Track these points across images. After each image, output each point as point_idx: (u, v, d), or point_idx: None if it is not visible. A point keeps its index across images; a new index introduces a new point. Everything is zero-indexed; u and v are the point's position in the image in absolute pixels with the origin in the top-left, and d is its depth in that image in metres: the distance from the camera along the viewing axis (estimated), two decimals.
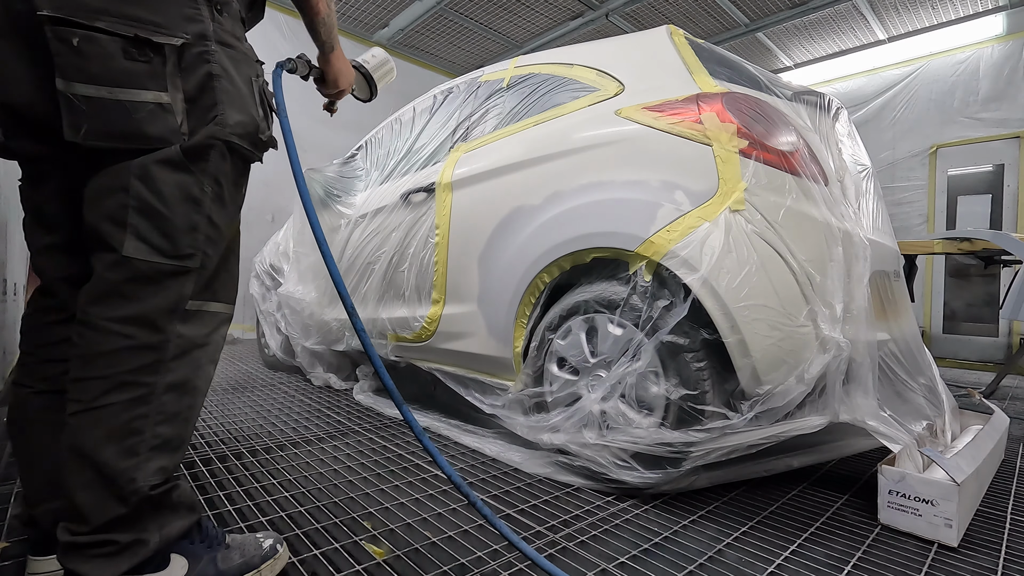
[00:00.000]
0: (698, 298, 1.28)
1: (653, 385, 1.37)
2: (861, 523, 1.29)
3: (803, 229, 1.36)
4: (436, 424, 1.99)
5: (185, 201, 0.82)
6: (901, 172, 4.99)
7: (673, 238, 1.33)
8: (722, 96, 1.45)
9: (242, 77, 0.88)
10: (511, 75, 2.09)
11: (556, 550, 1.11)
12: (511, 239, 1.72)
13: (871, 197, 1.71)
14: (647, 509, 1.34)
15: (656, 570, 1.05)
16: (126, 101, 0.76)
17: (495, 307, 1.76)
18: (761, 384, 1.28)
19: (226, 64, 0.85)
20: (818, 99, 1.75)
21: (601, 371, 1.47)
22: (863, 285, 1.38)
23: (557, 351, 1.58)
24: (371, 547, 1.09)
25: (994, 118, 4.51)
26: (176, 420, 0.83)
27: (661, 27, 1.78)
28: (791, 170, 1.40)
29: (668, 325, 1.32)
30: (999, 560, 1.14)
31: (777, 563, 1.09)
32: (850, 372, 1.33)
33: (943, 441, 1.57)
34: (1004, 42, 4.51)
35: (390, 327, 2.18)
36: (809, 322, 1.31)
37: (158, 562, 0.82)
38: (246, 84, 0.89)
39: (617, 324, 1.44)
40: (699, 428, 1.29)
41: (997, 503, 1.45)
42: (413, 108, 2.56)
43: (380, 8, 4.91)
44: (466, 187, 1.91)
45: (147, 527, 0.80)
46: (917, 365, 1.65)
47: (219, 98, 0.83)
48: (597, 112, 1.66)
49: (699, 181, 1.37)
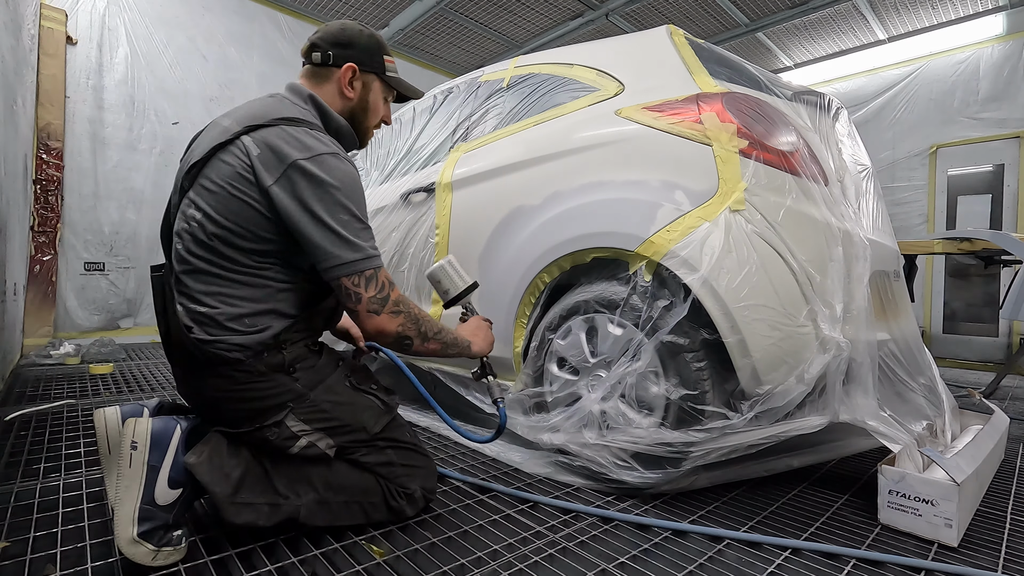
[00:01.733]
0: (698, 298, 1.28)
1: (653, 385, 1.37)
2: (861, 523, 1.29)
3: (803, 229, 1.36)
4: (436, 424, 1.99)
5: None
6: (901, 172, 4.98)
7: (673, 238, 1.33)
8: (722, 96, 1.45)
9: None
10: (511, 75, 2.09)
11: (556, 550, 1.11)
12: (511, 239, 1.72)
13: (871, 197, 1.71)
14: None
15: (656, 570, 1.05)
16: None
17: (495, 307, 1.76)
18: (761, 384, 1.28)
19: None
20: (818, 99, 1.75)
21: (601, 371, 1.47)
22: (863, 285, 1.38)
23: (557, 351, 1.58)
24: (371, 547, 1.09)
25: (994, 118, 4.51)
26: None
27: (661, 27, 1.78)
28: (791, 170, 1.40)
29: (668, 325, 1.32)
30: (999, 560, 1.14)
31: (777, 563, 1.09)
32: (850, 372, 1.33)
33: (943, 441, 1.57)
34: (1004, 42, 4.51)
35: None
36: (809, 322, 1.31)
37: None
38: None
39: (617, 324, 1.44)
40: (699, 428, 1.29)
41: (997, 503, 1.45)
42: (413, 108, 2.56)
43: (380, 8, 4.91)
44: (466, 187, 1.91)
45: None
46: (917, 365, 1.65)
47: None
48: (597, 112, 1.66)
49: (699, 181, 1.37)
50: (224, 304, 1.04)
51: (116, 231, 4.05)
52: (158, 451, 0.98)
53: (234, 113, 1.12)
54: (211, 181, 1.05)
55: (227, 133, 1.06)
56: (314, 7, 4.95)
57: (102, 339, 3.49)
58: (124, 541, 0.94)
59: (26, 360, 3.16)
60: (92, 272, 3.95)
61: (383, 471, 1.17)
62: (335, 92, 1.23)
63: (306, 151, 1.04)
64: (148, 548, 0.94)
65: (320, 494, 1.10)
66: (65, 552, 1.04)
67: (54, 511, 1.22)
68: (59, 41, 3.73)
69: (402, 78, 1.32)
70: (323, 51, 1.21)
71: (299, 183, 1.02)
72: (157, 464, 0.98)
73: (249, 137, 1.05)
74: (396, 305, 1.11)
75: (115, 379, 2.75)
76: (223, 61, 4.57)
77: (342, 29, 1.23)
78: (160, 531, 0.96)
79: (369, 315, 1.07)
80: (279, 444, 1.07)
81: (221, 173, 1.04)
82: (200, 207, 1.05)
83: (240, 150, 1.04)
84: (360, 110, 1.26)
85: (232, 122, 1.09)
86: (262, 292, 1.06)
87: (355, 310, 1.07)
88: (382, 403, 1.19)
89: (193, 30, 4.41)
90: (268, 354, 1.06)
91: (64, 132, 3.79)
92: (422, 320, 1.16)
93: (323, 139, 1.09)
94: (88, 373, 2.86)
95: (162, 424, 1.00)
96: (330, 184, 1.04)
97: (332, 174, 1.04)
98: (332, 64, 1.21)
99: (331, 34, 1.22)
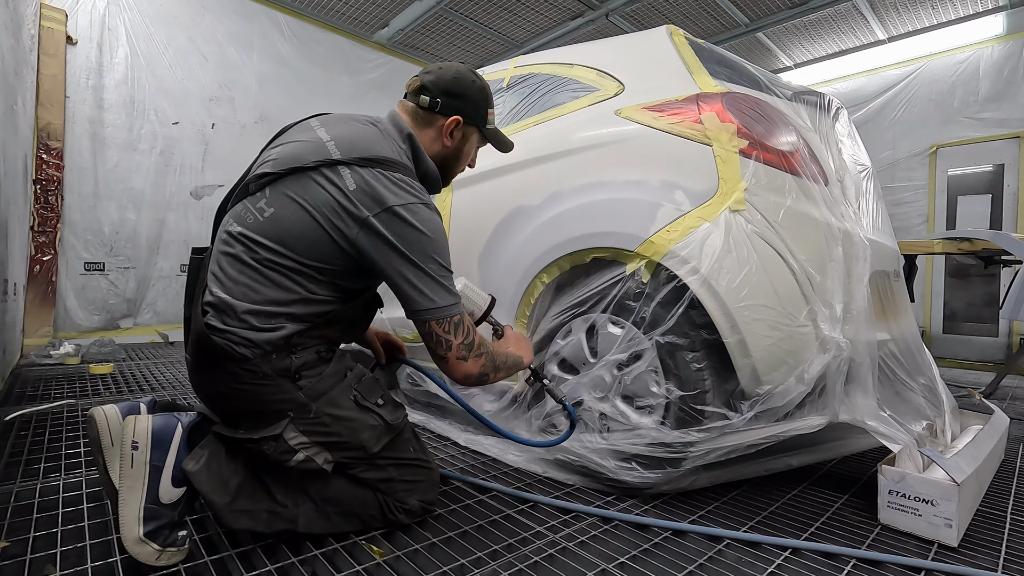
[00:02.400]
0: (698, 298, 1.28)
1: (653, 385, 1.37)
2: (861, 523, 1.29)
3: (803, 229, 1.36)
4: (436, 424, 1.99)
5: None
6: (901, 172, 4.98)
7: (673, 238, 1.33)
8: (722, 96, 1.45)
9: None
10: (511, 75, 2.09)
11: (556, 550, 1.11)
12: (511, 239, 1.72)
13: (871, 197, 1.71)
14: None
15: (656, 570, 1.05)
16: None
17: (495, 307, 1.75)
18: (761, 384, 1.28)
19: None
20: (818, 99, 1.75)
21: (601, 371, 1.47)
22: (863, 285, 1.38)
23: (558, 351, 1.58)
24: (371, 547, 1.09)
25: (994, 118, 4.51)
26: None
27: (661, 27, 1.78)
28: (791, 170, 1.40)
29: (668, 325, 1.32)
30: (999, 560, 1.14)
31: (777, 563, 1.09)
32: (850, 372, 1.33)
33: (943, 441, 1.57)
34: (1004, 42, 4.51)
35: (390, 327, 2.18)
36: (809, 322, 1.31)
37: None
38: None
39: (617, 324, 1.44)
40: (699, 428, 1.29)
41: (997, 503, 1.45)
42: None
43: (380, 8, 4.91)
44: (466, 187, 1.91)
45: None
46: (917, 365, 1.65)
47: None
48: (597, 112, 1.66)
49: (699, 181, 1.37)
50: (246, 295, 1.03)
51: (116, 231, 4.05)
52: (160, 450, 0.98)
53: (333, 128, 1.12)
54: (297, 194, 1.05)
55: (327, 155, 1.06)
56: (314, 7, 4.95)
57: (102, 339, 3.48)
58: (130, 541, 0.94)
59: (26, 360, 3.16)
60: (92, 272, 3.95)
61: (382, 487, 1.15)
62: (434, 138, 1.23)
63: (402, 198, 1.05)
64: (153, 548, 0.95)
65: (318, 505, 1.10)
66: (65, 552, 1.04)
67: (54, 511, 1.22)
68: (59, 41, 3.73)
69: (499, 129, 1.34)
70: (432, 96, 1.21)
71: (395, 226, 1.04)
72: (160, 463, 0.98)
73: (348, 169, 1.05)
74: (479, 348, 1.15)
75: (115, 379, 2.75)
76: (223, 61, 4.56)
77: (455, 79, 1.22)
78: (165, 530, 0.97)
79: (459, 362, 1.11)
80: (276, 458, 1.05)
81: (311, 193, 1.04)
82: (276, 209, 1.05)
83: (338, 179, 1.04)
84: (453, 159, 1.28)
85: (331, 140, 1.09)
86: (288, 296, 1.05)
87: (444, 356, 1.10)
88: (384, 423, 1.15)
89: (193, 30, 4.41)
90: (276, 356, 1.04)
91: (64, 132, 3.78)
92: (495, 355, 1.20)
93: (416, 187, 1.10)
94: (88, 373, 2.86)
95: (163, 422, 1.00)
96: (423, 232, 1.06)
97: (426, 225, 1.06)
98: (439, 112, 1.21)
99: (444, 81, 1.21)
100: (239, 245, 1.05)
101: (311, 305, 1.07)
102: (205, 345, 1.02)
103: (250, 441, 1.05)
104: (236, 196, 1.13)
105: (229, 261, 1.05)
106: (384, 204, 1.04)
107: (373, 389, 1.17)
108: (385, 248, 1.04)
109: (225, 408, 1.08)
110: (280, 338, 1.04)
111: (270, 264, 1.04)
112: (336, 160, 1.05)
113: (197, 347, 1.05)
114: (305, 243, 1.04)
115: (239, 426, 1.06)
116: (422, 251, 1.06)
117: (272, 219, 1.04)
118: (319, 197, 1.04)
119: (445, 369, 1.12)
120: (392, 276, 1.06)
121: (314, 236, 1.04)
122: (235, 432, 1.06)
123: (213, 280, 1.06)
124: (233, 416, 1.07)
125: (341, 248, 1.05)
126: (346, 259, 1.07)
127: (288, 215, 1.04)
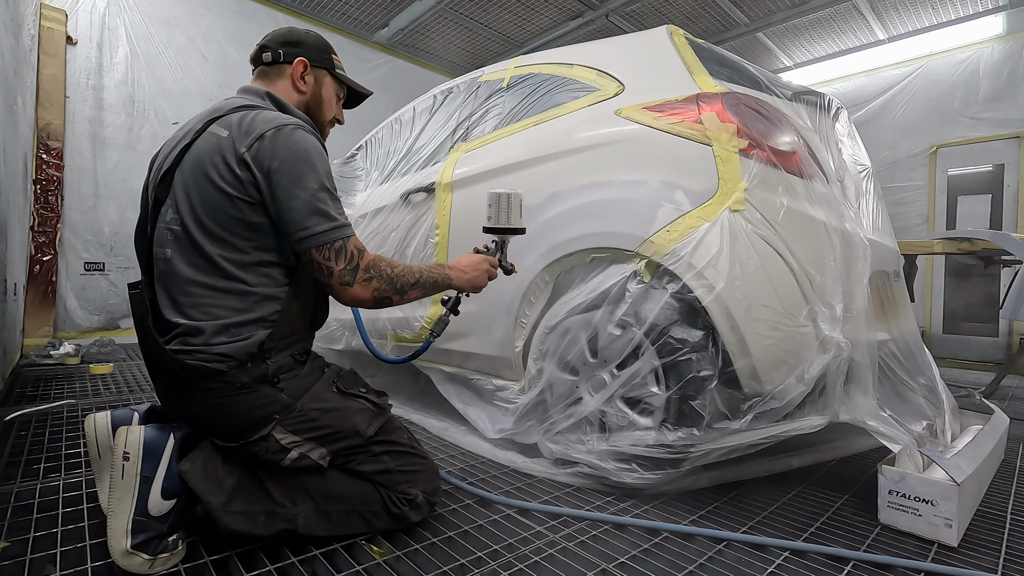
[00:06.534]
0: (698, 298, 1.28)
1: (653, 385, 1.37)
2: (861, 523, 1.29)
3: (803, 229, 1.36)
4: (436, 424, 1.99)
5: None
6: (901, 172, 4.98)
7: (673, 238, 1.33)
8: (722, 96, 1.45)
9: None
10: (511, 75, 2.09)
11: (556, 550, 1.11)
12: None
13: (871, 197, 1.71)
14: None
15: (656, 570, 1.05)
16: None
17: (495, 307, 1.76)
18: (761, 384, 1.28)
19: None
20: (818, 99, 1.75)
21: (601, 371, 1.47)
22: (863, 285, 1.38)
23: (558, 351, 1.58)
24: (371, 547, 1.09)
25: (994, 118, 4.51)
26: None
27: (661, 27, 1.78)
28: (791, 170, 1.40)
29: (668, 325, 1.32)
30: (999, 560, 1.14)
31: (777, 563, 1.09)
32: (850, 372, 1.33)
33: (943, 441, 1.57)
34: (1004, 42, 4.51)
35: (390, 327, 2.18)
36: (809, 322, 1.31)
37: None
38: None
39: (617, 324, 1.44)
40: (699, 428, 1.29)
41: (997, 503, 1.45)
42: (413, 108, 2.56)
43: (380, 8, 4.90)
44: (466, 187, 1.91)
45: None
46: (917, 365, 1.65)
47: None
48: (597, 112, 1.66)
49: (699, 181, 1.37)
50: (209, 315, 1.03)
51: (116, 231, 4.05)
52: (151, 461, 0.97)
53: (188, 122, 1.14)
54: (184, 177, 1.06)
55: (191, 133, 1.08)
56: (314, 7, 4.95)
57: (102, 339, 3.49)
58: (118, 553, 0.93)
59: (26, 360, 3.16)
60: (92, 272, 3.95)
61: (381, 479, 1.14)
62: (288, 87, 1.25)
63: (272, 124, 1.06)
64: (143, 558, 0.94)
65: (317, 503, 1.09)
66: (65, 552, 1.04)
67: (54, 511, 1.22)
68: (59, 41, 3.73)
69: (351, 77, 1.35)
70: (273, 50, 1.23)
71: (263, 154, 1.03)
72: (150, 475, 0.97)
73: (215, 125, 1.07)
74: (367, 272, 1.11)
75: (115, 379, 2.75)
76: (223, 61, 4.56)
77: (289, 31, 1.28)
78: (155, 541, 0.96)
79: (343, 287, 1.08)
80: (269, 458, 1.05)
81: (195, 162, 1.05)
82: (178, 208, 1.05)
83: (217, 131, 1.06)
84: (314, 104, 1.28)
85: (191, 124, 1.11)
86: (247, 301, 1.05)
87: (328, 283, 1.08)
88: (373, 405, 1.17)
89: (193, 30, 4.41)
90: (252, 364, 1.04)
91: (64, 132, 3.78)
92: (396, 277, 1.15)
93: (286, 116, 1.11)
94: (88, 373, 2.86)
95: (155, 433, 0.99)
96: (294, 153, 1.05)
97: (299, 144, 1.06)
98: (283, 61, 1.23)
99: (279, 35, 1.26)
100: (177, 266, 1.04)
101: (264, 304, 1.07)
102: (177, 369, 1.01)
103: (242, 446, 1.04)
104: (150, 219, 1.13)
105: (176, 288, 1.05)
106: (254, 132, 1.04)
107: (353, 380, 1.20)
108: (263, 181, 1.03)
109: (211, 425, 1.06)
110: (254, 345, 1.04)
111: (214, 271, 1.03)
112: (200, 129, 1.07)
113: (169, 374, 1.03)
114: (215, 211, 1.03)
115: (229, 439, 1.05)
116: (300, 172, 1.04)
117: (188, 214, 1.04)
118: (203, 157, 1.04)
119: (334, 296, 1.11)
120: (272, 203, 1.04)
121: (216, 199, 1.03)
122: (226, 443, 1.05)
123: (169, 308, 1.05)
124: (220, 433, 1.06)
125: (240, 199, 1.03)
126: (253, 209, 1.04)
127: (194, 197, 1.04)
